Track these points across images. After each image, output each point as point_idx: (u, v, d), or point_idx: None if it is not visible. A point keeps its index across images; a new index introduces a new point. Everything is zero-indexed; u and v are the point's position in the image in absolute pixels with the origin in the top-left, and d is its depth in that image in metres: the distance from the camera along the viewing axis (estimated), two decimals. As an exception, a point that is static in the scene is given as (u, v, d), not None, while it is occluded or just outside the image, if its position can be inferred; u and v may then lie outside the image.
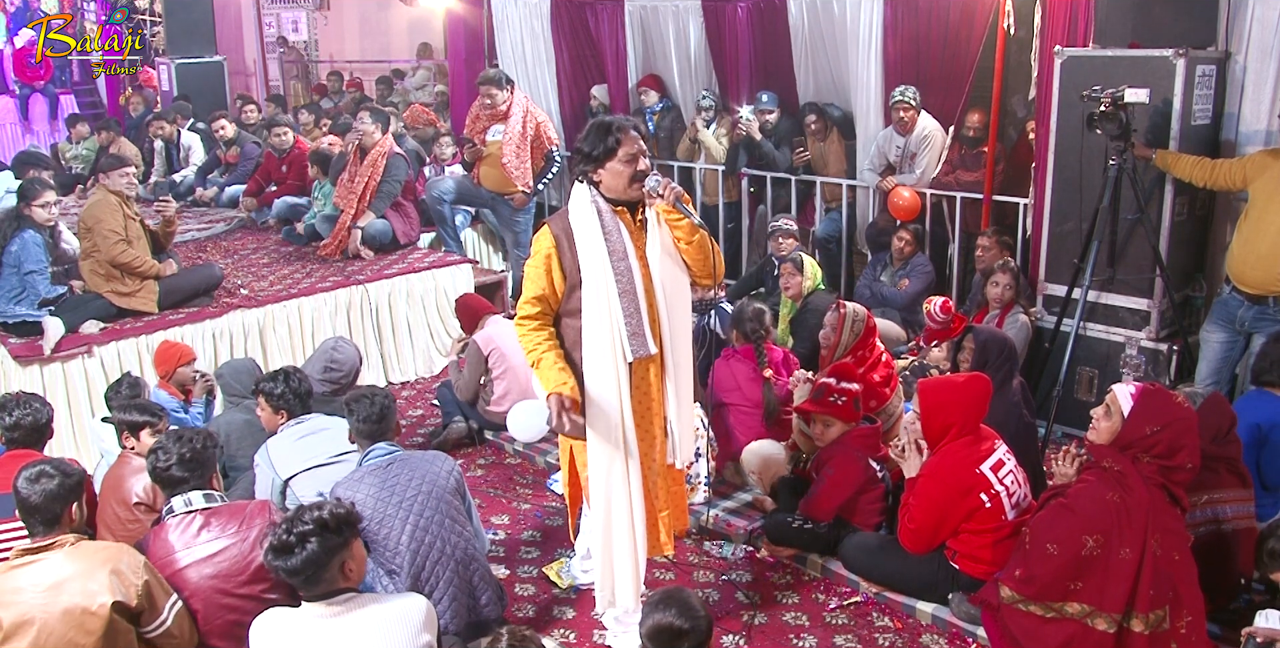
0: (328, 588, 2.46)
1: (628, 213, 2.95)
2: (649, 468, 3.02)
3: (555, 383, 2.86)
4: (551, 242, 2.93)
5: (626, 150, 2.88)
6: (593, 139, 2.91)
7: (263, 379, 3.73)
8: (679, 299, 3.01)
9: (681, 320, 3.02)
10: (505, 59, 7.97)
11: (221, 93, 9.78)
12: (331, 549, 2.44)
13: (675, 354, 3.00)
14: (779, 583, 3.68)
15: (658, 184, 2.87)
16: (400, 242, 6.26)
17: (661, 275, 2.94)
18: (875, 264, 5.83)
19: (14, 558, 2.59)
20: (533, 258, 2.98)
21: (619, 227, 2.92)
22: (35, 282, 4.79)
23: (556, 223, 2.97)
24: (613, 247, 2.89)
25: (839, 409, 3.66)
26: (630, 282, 2.89)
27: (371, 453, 3.18)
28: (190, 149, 8.56)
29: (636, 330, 2.90)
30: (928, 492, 3.31)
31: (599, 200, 2.93)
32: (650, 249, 2.92)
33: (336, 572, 2.46)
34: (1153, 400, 2.90)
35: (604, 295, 2.87)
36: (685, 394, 3.05)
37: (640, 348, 2.91)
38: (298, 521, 2.45)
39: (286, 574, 2.44)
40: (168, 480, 2.88)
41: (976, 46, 5.46)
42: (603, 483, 2.93)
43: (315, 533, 2.42)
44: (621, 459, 2.92)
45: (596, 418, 2.90)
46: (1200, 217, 4.62)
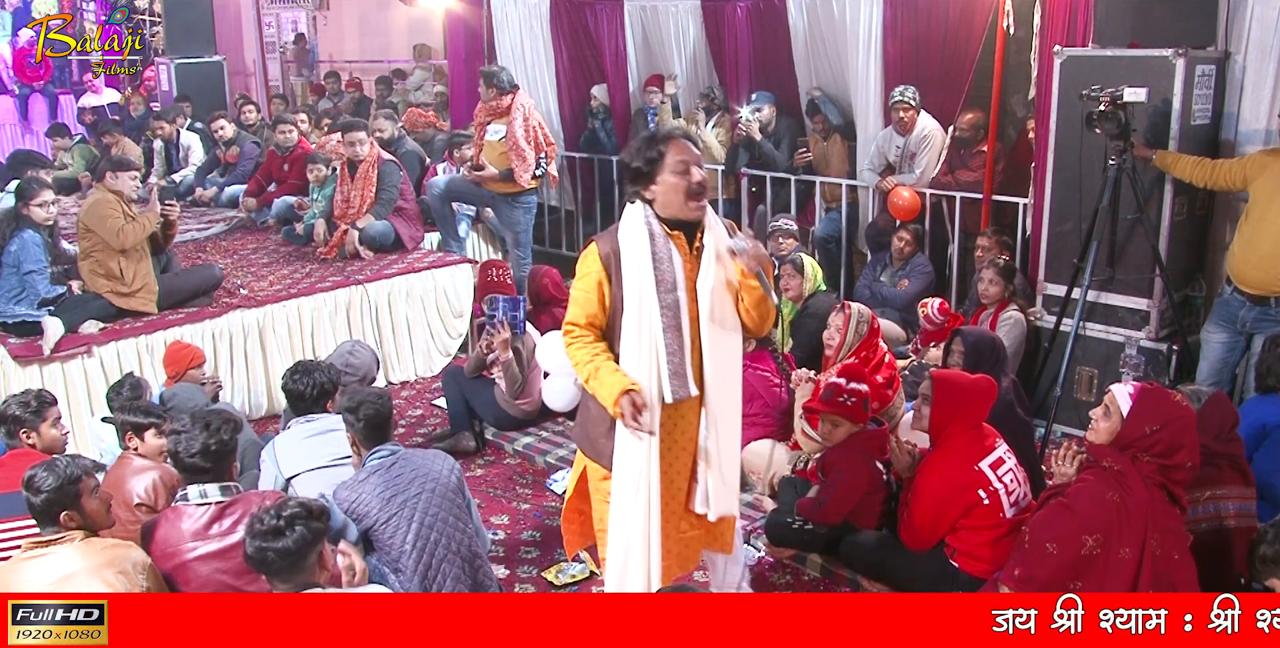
0: (304, 580, 2.46)
1: (683, 237, 2.73)
2: (671, 512, 2.84)
3: (621, 385, 2.64)
4: (600, 265, 2.74)
5: (675, 157, 2.65)
6: (637, 152, 2.70)
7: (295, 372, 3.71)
8: (728, 338, 2.78)
9: (730, 361, 2.80)
10: (505, 59, 7.95)
11: (221, 93, 9.76)
12: (316, 534, 2.46)
13: (721, 397, 2.78)
14: (779, 583, 3.68)
15: (745, 246, 2.66)
16: (407, 246, 6.25)
17: (712, 312, 2.71)
18: (875, 264, 5.83)
19: (24, 551, 2.62)
20: (581, 279, 2.79)
21: (671, 254, 2.69)
22: (34, 282, 4.79)
23: (605, 243, 2.76)
24: (661, 276, 2.67)
25: (848, 410, 3.65)
26: (676, 316, 2.69)
27: (375, 454, 3.18)
28: (190, 149, 8.55)
29: (679, 370, 2.69)
30: (926, 487, 3.34)
31: (653, 222, 2.70)
32: (703, 282, 2.71)
33: (314, 563, 2.47)
34: (1151, 400, 2.90)
35: (646, 329, 2.67)
36: (728, 441, 2.83)
37: (681, 389, 2.70)
38: (284, 507, 2.46)
39: (274, 557, 2.43)
40: (189, 468, 2.85)
41: (976, 46, 5.47)
42: (623, 522, 2.78)
43: (302, 518, 2.44)
44: (644, 501, 2.73)
45: (623, 454, 2.74)
46: (1200, 216, 4.62)
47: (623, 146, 7.35)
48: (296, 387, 3.69)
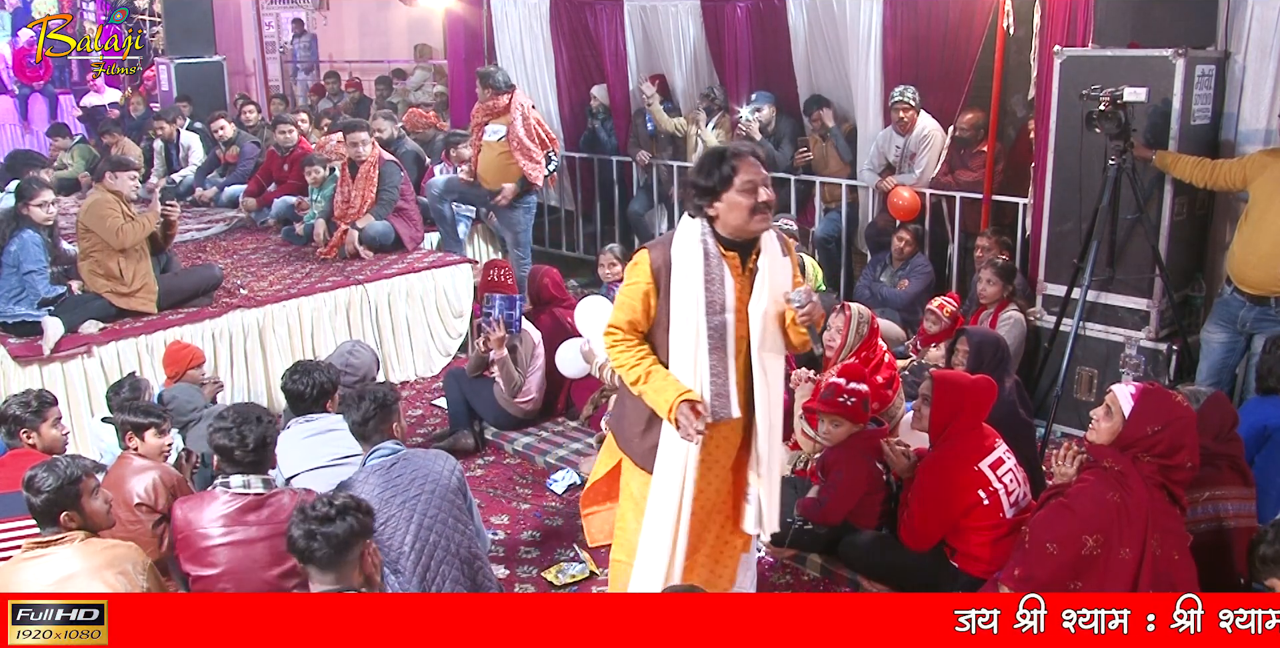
0: (343, 575, 2.47)
1: (737, 258, 2.72)
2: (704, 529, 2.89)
3: (677, 391, 2.65)
4: (650, 277, 2.73)
5: (745, 178, 2.62)
6: (706, 168, 2.66)
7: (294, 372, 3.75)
8: (775, 362, 2.81)
9: (776, 384, 2.83)
10: (505, 59, 7.96)
11: (221, 93, 9.77)
12: (364, 528, 2.48)
13: (768, 419, 2.81)
14: (779, 583, 3.68)
15: (801, 301, 2.67)
16: (407, 247, 6.24)
17: (763, 338, 2.73)
18: (875, 264, 5.83)
19: (24, 551, 2.62)
20: (629, 287, 2.78)
21: (724, 274, 2.69)
22: (34, 282, 4.78)
23: (657, 255, 2.74)
24: (711, 297, 2.67)
25: (849, 410, 3.65)
26: (722, 338, 2.69)
27: (375, 452, 3.17)
28: (190, 149, 8.56)
29: (721, 391, 2.70)
30: (926, 487, 3.34)
31: (709, 241, 2.69)
32: (755, 306, 2.70)
33: (356, 560, 2.48)
34: (1154, 400, 2.91)
35: (691, 349, 2.67)
36: (775, 462, 2.87)
37: (722, 409, 2.71)
38: (336, 497, 2.51)
39: (321, 543, 2.43)
40: (231, 459, 2.91)
41: (976, 46, 5.47)
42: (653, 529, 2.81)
43: (353, 510, 2.47)
44: (674, 518, 2.76)
45: (663, 461, 2.76)
46: (1200, 216, 4.62)
47: (623, 147, 7.40)
48: (296, 387, 3.69)
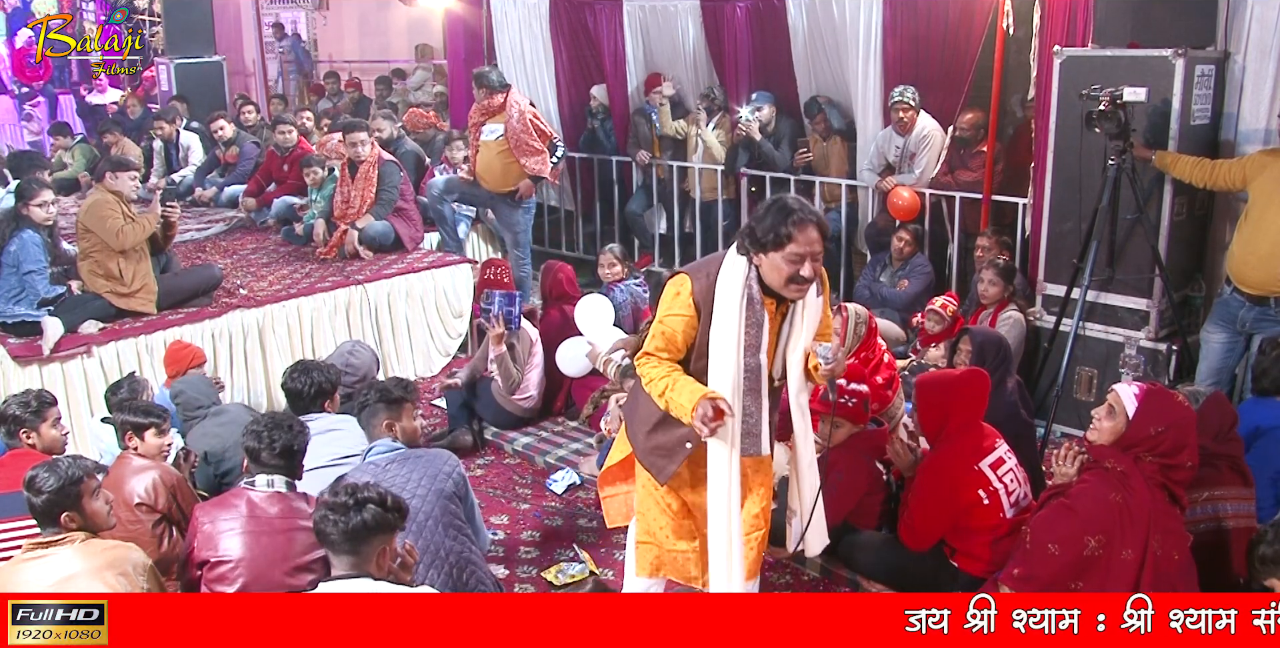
0: (359, 562, 2.47)
1: (774, 303, 2.72)
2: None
3: (700, 391, 2.63)
4: (693, 310, 2.71)
5: (794, 250, 2.58)
6: (769, 223, 2.60)
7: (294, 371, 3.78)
8: (804, 396, 2.86)
9: (808, 419, 2.88)
10: (504, 59, 7.96)
11: (221, 93, 9.76)
12: (383, 524, 2.47)
13: (806, 453, 2.93)
14: (778, 583, 3.68)
15: (829, 357, 2.68)
16: (407, 247, 6.24)
17: (800, 380, 2.78)
18: (875, 264, 5.83)
19: (25, 551, 2.62)
20: (669, 316, 2.75)
21: (763, 319, 2.70)
22: (34, 282, 4.78)
23: (699, 283, 2.72)
24: (749, 341, 2.68)
25: (849, 411, 3.64)
26: (756, 379, 2.71)
27: (374, 449, 3.17)
28: (189, 149, 8.55)
29: (753, 430, 2.74)
30: (926, 487, 3.34)
31: (754, 286, 2.67)
32: (793, 352, 2.75)
33: (375, 552, 2.48)
34: (1157, 401, 2.91)
35: (726, 390, 2.67)
36: (811, 489, 2.96)
37: (753, 447, 2.76)
38: (363, 488, 2.51)
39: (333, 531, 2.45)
40: (258, 460, 2.95)
41: (976, 46, 5.47)
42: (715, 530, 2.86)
43: (375, 502, 2.48)
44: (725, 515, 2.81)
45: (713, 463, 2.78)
46: (1199, 216, 4.62)
47: (622, 146, 7.39)
48: (296, 386, 3.69)
